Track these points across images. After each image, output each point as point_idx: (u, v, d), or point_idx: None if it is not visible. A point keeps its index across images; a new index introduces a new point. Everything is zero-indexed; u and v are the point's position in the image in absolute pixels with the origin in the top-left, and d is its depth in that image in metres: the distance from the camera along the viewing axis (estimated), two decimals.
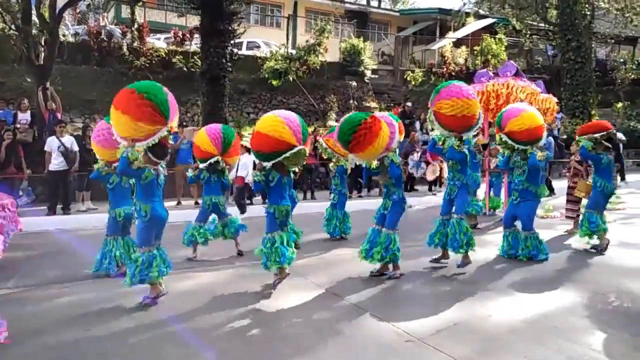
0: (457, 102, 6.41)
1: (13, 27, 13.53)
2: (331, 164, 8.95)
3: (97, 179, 6.51)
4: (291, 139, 5.49)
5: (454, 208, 6.82)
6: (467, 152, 6.74)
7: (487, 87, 10.22)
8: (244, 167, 10.69)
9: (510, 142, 7.12)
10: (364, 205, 11.32)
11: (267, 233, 5.82)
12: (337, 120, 18.57)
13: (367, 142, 5.71)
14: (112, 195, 6.38)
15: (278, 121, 5.54)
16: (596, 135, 7.60)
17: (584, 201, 8.59)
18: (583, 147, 7.72)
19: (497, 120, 7.37)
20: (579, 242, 8.06)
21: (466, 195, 6.86)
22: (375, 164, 6.29)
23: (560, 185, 13.32)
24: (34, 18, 13.76)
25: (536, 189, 7.21)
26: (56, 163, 10.41)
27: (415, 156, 14.70)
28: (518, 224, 7.40)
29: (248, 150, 10.23)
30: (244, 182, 10.84)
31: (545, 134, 7.27)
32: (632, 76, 26.00)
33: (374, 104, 21.01)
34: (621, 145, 15.34)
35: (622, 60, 28.06)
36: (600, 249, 7.60)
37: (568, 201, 9.19)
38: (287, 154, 5.54)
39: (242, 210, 10.65)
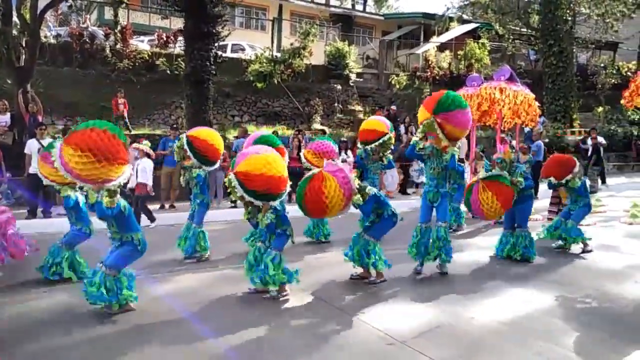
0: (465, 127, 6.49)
1: None
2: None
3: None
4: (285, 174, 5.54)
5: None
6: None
7: (480, 91, 10.27)
8: (143, 172, 9.59)
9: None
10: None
11: (275, 249, 5.66)
12: (322, 124, 18.66)
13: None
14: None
15: (277, 158, 5.48)
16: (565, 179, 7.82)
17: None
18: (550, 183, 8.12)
19: None
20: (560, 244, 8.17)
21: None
22: None
23: (544, 188, 13.47)
24: (15, 19, 13.58)
25: (530, 187, 7.49)
26: (36, 166, 10.23)
27: (416, 165, 14.72)
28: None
29: (148, 155, 9.56)
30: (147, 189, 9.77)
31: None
32: (613, 81, 26.43)
33: (358, 108, 21.09)
34: (602, 149, 15.56)
35: (602, 65, 28.52)
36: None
37: (551, 204, 9.29)
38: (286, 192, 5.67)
39: (153, 219, 10.08)
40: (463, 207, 10.49)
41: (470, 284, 6.27)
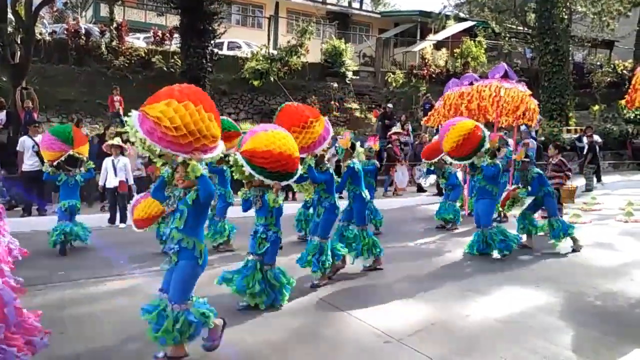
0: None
1: None
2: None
3: (49, 179, 7.93)
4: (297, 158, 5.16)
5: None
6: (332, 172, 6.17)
7: (472, 89, 10.25)
8: (122, 170, 9.64)
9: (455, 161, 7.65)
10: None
11: (269, 263, 5.26)
12: None
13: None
14: (61, 191, 7.86)
15: (287, 136, 5.04)
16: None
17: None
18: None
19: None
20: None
21: (332, 216, 6.09)
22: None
23: None
24: (10, 16, 13.51)
25: (493, 187, 7.47)
26: (29, 163, 10.20)
27: (423, 166, 14.52)
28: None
29: (122, 151, 9.67)
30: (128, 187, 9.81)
31: (484, 140, 7.38)
32: (609, 79, 26.48)
33: (355, 105, 21.07)
34: (597, 147, 15.59)
35: (598, 63, 28.58)
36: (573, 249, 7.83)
37: None
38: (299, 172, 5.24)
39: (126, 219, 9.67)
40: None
41: (466, 281, 6.28)
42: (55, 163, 7.64)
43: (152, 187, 4.36)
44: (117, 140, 9.59)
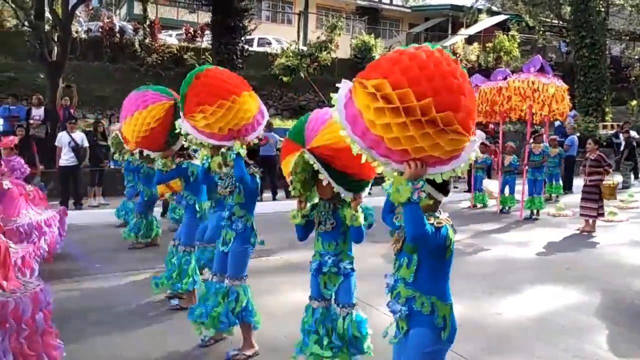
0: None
1: (26, 23, 13.68)
2: None
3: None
4: None
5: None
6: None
7: (509, 84, 10.06)
8: None
9: None
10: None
11: (348, 304, 3.68)
12: None
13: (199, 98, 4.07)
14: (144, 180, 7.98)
15: None
16: None
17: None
18: None
19: None
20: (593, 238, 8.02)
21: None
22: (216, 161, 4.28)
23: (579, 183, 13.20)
24: (47, 14, 13.88)
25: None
26: (66, 159, 10.47)
27: None
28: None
29: None
30: None
31: None
32: None
33: None
34: (635, 144, 15.18)
35: (637, 57, 27.76)
36: None
37: (583, 199, 8.96)
38: None
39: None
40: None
41: (498, 279, 6.20)
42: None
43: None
44: None
